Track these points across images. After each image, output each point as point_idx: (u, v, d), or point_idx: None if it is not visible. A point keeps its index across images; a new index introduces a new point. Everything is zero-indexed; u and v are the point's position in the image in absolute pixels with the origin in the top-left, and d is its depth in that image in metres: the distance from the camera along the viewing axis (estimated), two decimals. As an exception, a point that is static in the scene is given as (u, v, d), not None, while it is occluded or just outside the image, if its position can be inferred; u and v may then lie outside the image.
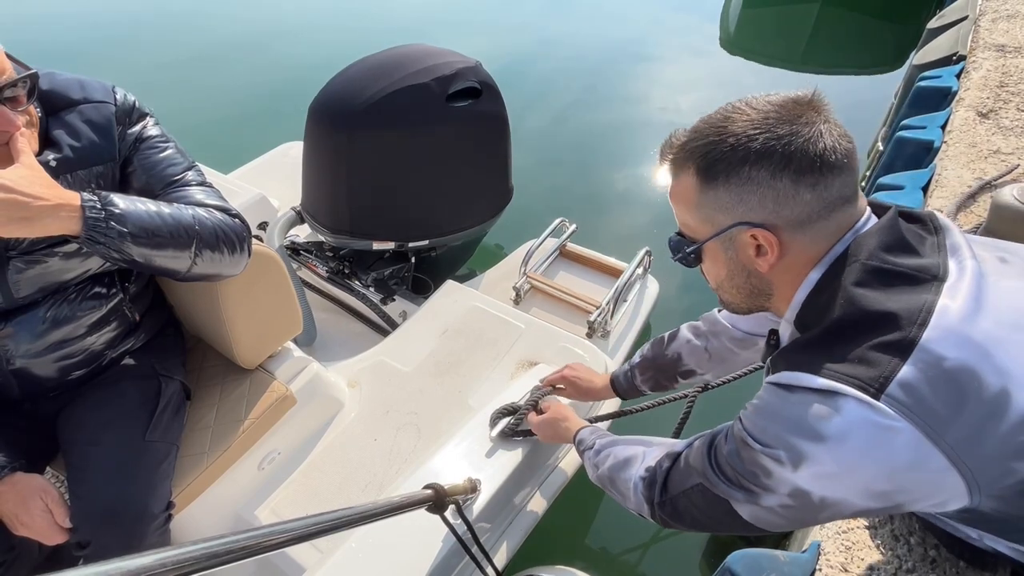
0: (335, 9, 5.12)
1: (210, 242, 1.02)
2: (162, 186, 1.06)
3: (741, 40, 4.74)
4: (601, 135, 3.52)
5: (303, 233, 2.17)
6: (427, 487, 0.94)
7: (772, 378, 0.67)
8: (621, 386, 1.30)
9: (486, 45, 4.30)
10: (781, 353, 0.70)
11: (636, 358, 1.28)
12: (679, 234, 0.79)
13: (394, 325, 1.91)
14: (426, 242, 1.91)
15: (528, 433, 1.33)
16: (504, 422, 1.33)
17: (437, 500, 0.92)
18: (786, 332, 0.77)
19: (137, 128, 1.07)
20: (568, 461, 1.44)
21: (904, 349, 0.59)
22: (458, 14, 5.02)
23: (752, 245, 0.71)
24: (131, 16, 4.94)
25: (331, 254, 2.06)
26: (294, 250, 2.11)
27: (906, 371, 0.58)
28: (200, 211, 1.03)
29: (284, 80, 3.91)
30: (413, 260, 2.06)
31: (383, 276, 1.99)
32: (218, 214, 1.06)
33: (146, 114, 1.10)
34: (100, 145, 1.02)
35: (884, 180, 2.05)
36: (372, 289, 1.98)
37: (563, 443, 1.25)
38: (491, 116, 1.87)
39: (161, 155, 1.08)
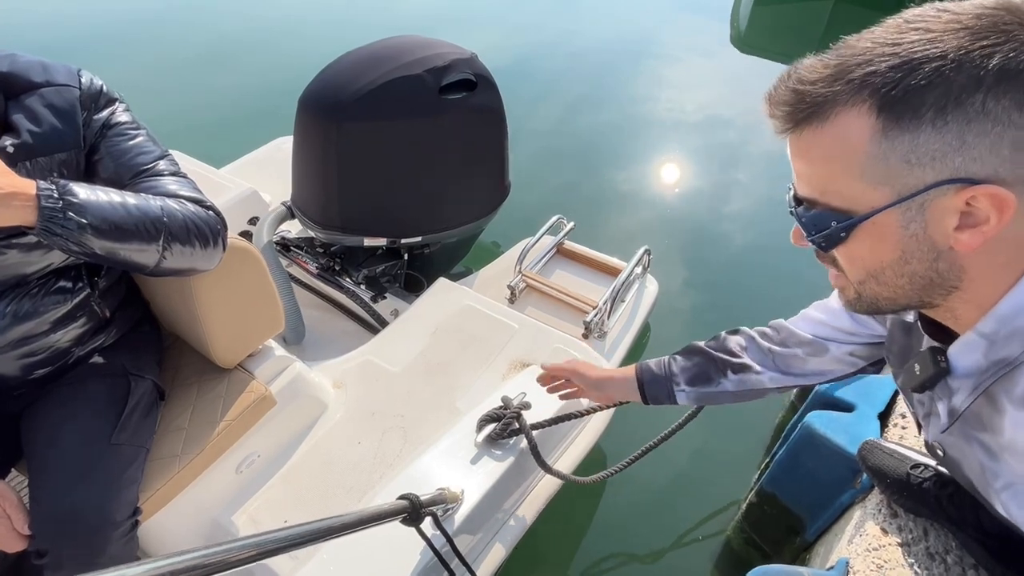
0: (334, 4, 5.07)
1: (180, 235, 0.97)
2: (131, 175, 1.01)
3: (752, 38, 4.65)
4: (605, 134, 3.44)
5: (294, 229, 2.12)
6: (402, 497, 0.88)
7: None
8: (651, 374, 1.06)
9: (490, 41, 4.23)
10: None
11: (679, 351, 1.07)
12: (807, 202, 0.55)
13: (384, 324, 1.86)
14: (419, 239, 1.85)
15: (516, 435, 1.28)
16: (490, 428, 1.27)
17: (412, 512, 0.86)
18: (976, 349, 0.56)
19: (104, 114, 1.02)
20: (558, 467, 1.38)
21: None
22: (461, 10, 4.96)
23: (958, 212, 0.48)
24: (125, 12, 4.89)
25: (322, 250, 2.00)
26: (284, 246, 2.05)
27: None
28: (170, 202, 0.98)
29: (279, 74, 3.84)
30: (406, 257, 2.00)
31: (375, 273, 1.94)
32: (190, 206, 1.01)
33: (115, 99, 1.05)
34: (62, 131, 0.97)
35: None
36: (363, 287, 1.92)
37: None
38: (487, 109, 1.81)
39: (130, 143, 1.03)
